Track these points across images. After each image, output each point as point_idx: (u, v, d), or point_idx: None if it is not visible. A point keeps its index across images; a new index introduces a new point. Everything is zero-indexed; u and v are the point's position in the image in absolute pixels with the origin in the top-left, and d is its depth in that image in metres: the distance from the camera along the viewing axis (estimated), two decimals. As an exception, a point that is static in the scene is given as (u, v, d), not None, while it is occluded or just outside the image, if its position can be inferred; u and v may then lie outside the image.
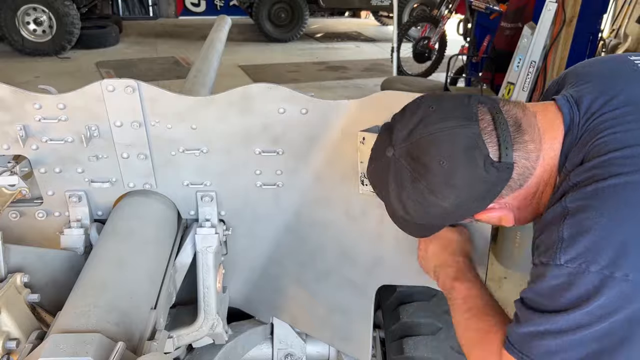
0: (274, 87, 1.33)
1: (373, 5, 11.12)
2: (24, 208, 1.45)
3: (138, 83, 1.29)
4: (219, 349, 1.64)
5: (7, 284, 1.08)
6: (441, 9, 6.62)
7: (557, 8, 4.10)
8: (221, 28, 2.95)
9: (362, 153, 1.29)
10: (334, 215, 1.48)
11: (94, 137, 1.35)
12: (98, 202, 1.46)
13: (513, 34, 4.83)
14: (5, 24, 8.05)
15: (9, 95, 1.28)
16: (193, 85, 2.24)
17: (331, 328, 1.65)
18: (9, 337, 1.04)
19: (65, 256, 1.35)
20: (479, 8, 5.66)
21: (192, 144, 1.39)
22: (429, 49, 6.76)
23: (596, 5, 4.73)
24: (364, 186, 1.33)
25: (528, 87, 4.39)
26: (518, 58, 4.41)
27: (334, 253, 1.54)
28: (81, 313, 1.01)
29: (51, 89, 1.37)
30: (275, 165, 1.44)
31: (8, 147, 1.34)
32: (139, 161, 1.40)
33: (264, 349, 1.82)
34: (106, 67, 8.06)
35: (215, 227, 1.47)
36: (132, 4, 11.63)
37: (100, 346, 0.90)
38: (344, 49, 10.23)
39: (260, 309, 1.77)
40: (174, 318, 1.52)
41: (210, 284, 1.46)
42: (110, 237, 1.31)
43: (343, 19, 13.54)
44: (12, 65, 7.92)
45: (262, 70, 8.33)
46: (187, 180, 1.45)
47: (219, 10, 12.01)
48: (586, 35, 4.78)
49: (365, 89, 7.47)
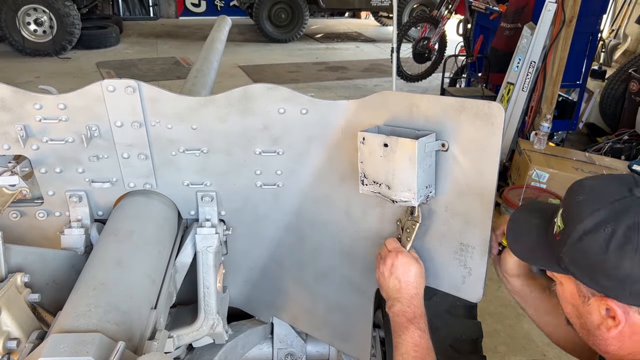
0: (274, 87, 1.33)
1: (373, 6, 11.13)
2: (25, 208, 1.45)
3: (138, 83, 1.30)
4: (219, 348, 1.64)
5: (8, 283, 1.09)
6: (441, 9, 6.62)
7: (557, 8, 4.11)
8: (221, 28, 2.95)
9: (362, 153, 1.29)
10: (334, 215, 1.48)
11: (94, 137, 1.35)
12: (98, 202, 1.46)
13: (512, 34, 4.84)
14: (5, 24, 8.06)
15: (10, 96, 1.28)
16: (193, 85, 2.24)
17: (331, 328, 1.65)
18: (10, 337, 1.04)
19: (66, 256, 1.35)
20: (479, 8, 5.67)
21: (192, 144, 1.40)
22: (429, 50, 6.76)
23: (596, 6, 4.74)
24: (364, 186, 1.33)
25: (528, 87, 4.40)
26: (518, 58, 4.42)
27: (334, 253, 1.54)
28: (82, 313, 1.01)
29: (51, 89, 1.38)
30: (275, 165, 1.44)
31: (9, 147, 1.34)
32: (140, 161, 1.40)
33: (264, 348, 1.82)
34: (107, 68, 8.07)
35: (216, 227, 1.47)
36: (133, 5, 11.67)
37: (101, 346, 0.90)
38: (343, 49, 10.24)
39: (260, 308, 1.77)
40: (174, 318, 1.52)
41: (211, 283, 1.46)
42: (111, 237, 1.31)
43: (343, 19, 13.55)
44: (13, 65, 7.93)
45: (262, 71, 8.33)
46: (187, 180, 1.46)
47: (219, 10, 12.04)
48: (586, 35, 4.79)
49: (365, 89, 7.48)
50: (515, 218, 1.16)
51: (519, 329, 3.02)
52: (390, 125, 1.29)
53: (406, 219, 1.34)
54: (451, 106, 1.20)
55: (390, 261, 1.28)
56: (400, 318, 1.23)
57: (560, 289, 1.06)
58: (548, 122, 4.37)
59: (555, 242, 1.00)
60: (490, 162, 1.19)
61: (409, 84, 7.02)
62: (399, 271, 1.27)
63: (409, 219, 1.33)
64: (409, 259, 1.28)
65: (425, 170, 1.22)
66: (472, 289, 1.35)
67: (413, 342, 1.18)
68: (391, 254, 1.29)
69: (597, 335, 0.98)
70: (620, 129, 5.09)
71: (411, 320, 1.21)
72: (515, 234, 1.14)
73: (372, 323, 1.57)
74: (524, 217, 1.15)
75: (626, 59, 6.18)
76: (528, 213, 1.16)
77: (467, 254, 1.32)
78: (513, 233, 1.15)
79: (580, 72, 5.05)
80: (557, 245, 0.99)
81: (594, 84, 5.85)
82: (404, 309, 1.23)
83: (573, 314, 1.04)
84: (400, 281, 1.26)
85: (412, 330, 1.20)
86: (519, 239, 1.13)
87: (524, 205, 1.19)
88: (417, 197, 1.23)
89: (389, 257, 1.29)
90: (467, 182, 1.24)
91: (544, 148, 4.27)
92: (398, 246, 1.31)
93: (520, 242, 1.13)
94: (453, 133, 1.21)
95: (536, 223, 1.10)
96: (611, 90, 5.45)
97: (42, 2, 8.14)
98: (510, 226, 1.16)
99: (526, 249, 1.11)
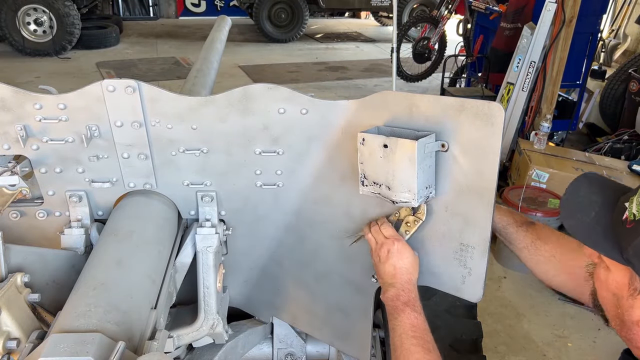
0: (274, 87, 1.33)
1: (373, 6, 11.13)
2: (25, 208, 1.45)
3: (138, 83, 1.30)
4: (219, 348, 1.64)
5: (8, 283, 1.09)
6: (441, 9, 6.62)
7: (557, 8, 4.11)
8: (221, 28, 2.95)
9: (362, 154, 1.29)
10: (334, 215, 1.48)
11: (94, 137, 1.35)
12: (98, 202, 1.46)
13: (512, 34, 4.84)
14: (5, 24, 8.06)
15: (10, 96, 1.28)
16: (193, 85, 2.24)
17: (331, 328, 1.65)
18: (10, 337, 1.04)
19: (66, 256, 1.35)
20: (479, 8, 5.67)
21: (192, 144, 1.40)
22: (429, 50, 6.76)
23: (596, 6, 4.74)
24: (364, 187, 1.33)
25: (528, 87, 4.40)
26: (518, 58, 4.42)
27: (334, 253, 1.54)
28: (82, 313, 1.01)
29: (51, 89, 1.38)
30: (275, 166, 1.44)
31: (9, 147, 1.34)
32: (140, 161, 1.40)
33: (264, 348, 1.82)
34: (106, 68, 8.07)
35: (216, 227, 1.47)
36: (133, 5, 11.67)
37: (101, 346, 0.90)
38: (343, 49, 10.24)
39: (260, 308, 1.77)
40: (174, 318, 1.52)
41: (211, 283, 1.46)
42: (111, 237, 1.31)
43: (343, 19, 13.55)
44: (13, 65, 7.93)
45: (262, 71, 8.33)
46: (187, 180, 1.46)
47: (219, 10, 12.04)
48: (586, 35, 4.79)
49: (365, 89, 7.48)
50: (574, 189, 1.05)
51: (519, 329, 3.02)
52: (390, 125, 1.29)
53: (408, 213, 1.34)
54: (451, 106, 1.20)
55: (386, 247, 1.31)
56: (395, 302, 1.24)
57: (603, 274, 0.99)
58: (548, 122, 4.37)
59: (623, 229, 0.92)
60: (490, 162, 1.19)
61: (409, 84, 7.02)
62: (394, 258, 1.30)
63: (411, 213, 1.33)
64: (405, 246, 1.31)
65: (425, 170, 1.22)
66: (472, 289, 1.35)
67: (410, 323, 1.19)
68: (388, 240, 1.31)
69: (633, 330, 0.94)
70: (620, 129, 5.09)
71: (406, 303, 1.23)
72: (571, 208, 1.03)
73: (372, 323, 1.57)
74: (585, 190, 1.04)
75: (626, 59, 6.18)
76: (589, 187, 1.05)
77: (467, 254, 1.32)
78: (569, 206, 1.04)
79: (580, 72, 5.05)
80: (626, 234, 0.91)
81: (594, 84, 5.85)
82: (398, 293, 1.25)
83: (611, 302, 0.99)
84: (395, 267, 1.29)
85: (408, 312, 1.21)
86: (575, 214, 1.02)
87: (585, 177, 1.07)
88: (417, 197, 1.23)
89: (385, 244, 1.31)
90: (467, 182, 1.24)
91: (544, 148, 4.27)
92: (395, 233, 1.33)
93: (576, 218, 1.02)
94: (453, 133, 1.22)
95: (597, 201, 1.01)
96: (611, 90, 5.45)
97: (42, 2, 8.14)
98: (567, 198, 1.05)
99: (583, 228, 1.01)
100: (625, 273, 0.94)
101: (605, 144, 4.90)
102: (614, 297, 0.98)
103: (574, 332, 3.03)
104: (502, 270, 3.55)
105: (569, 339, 2.97)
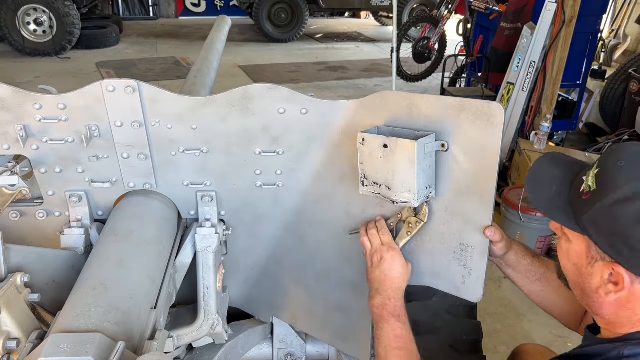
0: (274, 87, 1.33)
1: (373, 6, 11.12)
2: (25, 208, 1.45)
3: (138, 83, 1.30)
4: (219, 348, 1.65)
5: (8, 283, 1.09)
6: (441, 9, 6.61)
7: (557, 8, 4.10)
8: (221, 28, 2.95)
9: (362, 154, 1.29)
10: (334, 215, 1.48)
11: (94, 137, 1.35)
12: (98, 202, 1.46)
13: (512, 34, 4.84)
14: (5, 24, 8.05)
15: (10, 96, 1.28)
16: (193, 85, 2.24)
17: (331, 328, 1.65)
18: (10, 337, 1.04)
19: (66, 256, 1.35)
20: (479, 8, 5.67)
21: (192, 144, 1.40)
22: (429, 49, 6.76)
23: (596, 6, 4.73)
24: (364, 187, 1.33)
25: (528, 87, 4.40)
26: (518, 58, 4.41)
27: (334, 253, 1.54)
28: (81, 313, 1.01)
29: (51, 89, 1.38)
30: (275, 166, 1.44)
31: (8, 147, 1.34)
32: (139, 161, 1.40)
33: (264, 348, 1.82)
34: (106, 68, 8.06)
35: (216, 227, 1.47)
36: (133, 5, 11.68)
37: (101, 346, 0.90)
38: (343, 49, 10.23)
39: (260, 308, 1.78)
40: (174, 318, 1.52)
41: (211, 283, 1.46)
42: (111, 237, 1.31)
43: (343, 19, 13.55)
44: (13, 65, 7.92)
45: (262, 70, 8.33)
46: (187, 180, 1.46)
47: (219, 10, 12.04)
48: (586, 35, 4.79)
49: (365, 89, 7.47)
50: (538, 166, 1.12)
51: (519, 329, 3.02)
52: (390, 125, 1.29)
53: (410, 214, 1.34)
54: (451, 106, 1.20)
55: (380, 254, 1.33)
56: (381, 311, 1.26)
57: (565, 245, 1.04)
58: (548, 122, 4.37)
59: (580, 200, 0.98)
60: (490, 162, 1.19)
61: (409, 84, 7.01)
62: (386, 265, 1.31)
63: (413, 214, 1.33)
64: (397, 257, 1.32)
65: (425, 170, 1.22)
66: (472, 289, 1.35)
67: (394, 334, 1.22)
68: (383, 248, 1.33)
69: (593, 297, 0.99)
70: (620, 129, 5.08)
71: (392, 313, 1.25)
72: (535, 183, 1.10)
73: (372, 323, 1.57)
74: (547, 167, 1.11)
75: (626, 59, 6.18)
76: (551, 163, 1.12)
77: (467, 254, 1.32)
78: (533, 182, 1.11)
79: (580, 72, 5.05)
80: (582, 205, 0.96)
81: (594, 84, 5.85)
82: (384, 302, 1.27)
83: (572, 272, 1.04)
84: (385, 275, 1.31)
85: (393, 322, 1.23)
86: (538, 189, 1.10)
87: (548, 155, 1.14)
88: (417, 197, 1.23)
89: (380, 251, 1.33)
90: (467, 182, 1.24)
91: (544, 148, 4.27)
92: (391, 241, 1.34)
93: (539, 192, 1.09)
94: (453, 133, 1.22)
95: (559, 175, 1.07)
96: (611, 90, 5.45)
97: (42, 2, 8.13)
98: (532, 174, 1.12)
99: (544, 200, 1.07)
100: (583, 242, 0.98)
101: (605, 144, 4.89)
102: (574, 267, 1.02)
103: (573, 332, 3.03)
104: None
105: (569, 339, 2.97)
